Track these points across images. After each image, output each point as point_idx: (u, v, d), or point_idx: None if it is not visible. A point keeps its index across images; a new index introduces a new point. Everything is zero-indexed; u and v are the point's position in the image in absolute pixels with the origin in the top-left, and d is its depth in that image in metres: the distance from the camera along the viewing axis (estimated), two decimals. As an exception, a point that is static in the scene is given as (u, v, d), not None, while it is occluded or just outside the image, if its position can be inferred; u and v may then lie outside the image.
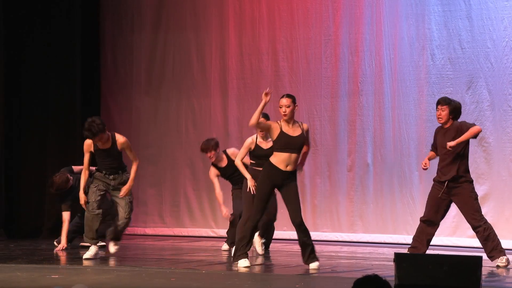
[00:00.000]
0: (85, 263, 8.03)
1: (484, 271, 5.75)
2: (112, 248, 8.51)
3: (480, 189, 9.71)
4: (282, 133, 7.54)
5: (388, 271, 7.38)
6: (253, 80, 11.06)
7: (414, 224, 10.06)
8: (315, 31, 10.68)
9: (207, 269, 7.80)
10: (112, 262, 8.21)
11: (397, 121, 10.24)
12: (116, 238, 8.50)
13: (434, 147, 8.10)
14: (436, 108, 7.94)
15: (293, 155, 7.49)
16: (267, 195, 7.50)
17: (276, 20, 10.92)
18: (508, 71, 9.62)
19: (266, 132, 8.19)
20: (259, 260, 8.56)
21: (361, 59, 10.43)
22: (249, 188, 8.19)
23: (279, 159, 7.47)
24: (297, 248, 9.45)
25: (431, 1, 10.02)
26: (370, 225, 10.29)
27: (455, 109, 7.88)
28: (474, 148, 9.79)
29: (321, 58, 10.66)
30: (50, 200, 10.88)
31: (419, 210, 10.08)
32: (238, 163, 8.45)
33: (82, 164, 8.47)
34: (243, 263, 7.55)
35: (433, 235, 7.95)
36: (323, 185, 10.63)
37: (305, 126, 7.67)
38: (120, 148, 8.40)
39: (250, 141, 8.59)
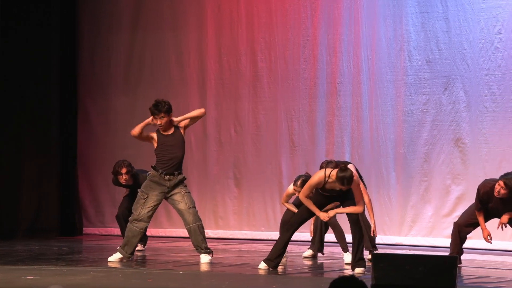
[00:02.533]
0: (111, 264, 7.92)
1: (460, 271, 5.79)
2: (206, 258, 7.97)
3: (456, 190, 9.77)
4: None
5: (365, 271, 7.40)
6: (232, 80, 11.05)
7: (391, 224, 10.11)
8: (293, 32, 10.70)
9: (184, 269, 7.78)
10: (89, 262, 8.17)
11: (375, 121, 10.28)
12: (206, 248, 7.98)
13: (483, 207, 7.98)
14: (497, 182, 7.80)
15: None
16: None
17: (255, 21, 10.92)
18: (484, 72, 9.68)
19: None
20: (237, 260, 8.56)
21: (339, 60, 10.46)
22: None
23: None
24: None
25: (409, 3, 10.06)
26: (348, 226, 10.30)
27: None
28: (450, 149, 9.84)
29: (299, 59, 10.68)
30: (26, 201, 10.82)
31: (396, 210, 10.13)
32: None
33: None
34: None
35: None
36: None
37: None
38: (184, 131, 7.99)
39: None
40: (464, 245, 9.58)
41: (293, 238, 10.63)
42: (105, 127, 11.60)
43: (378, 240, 10.00)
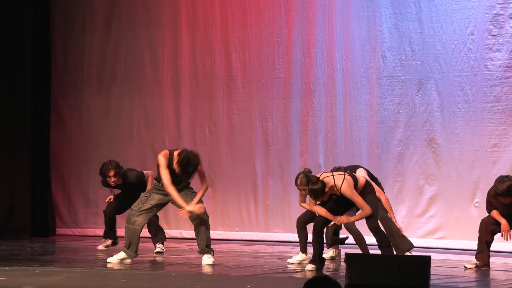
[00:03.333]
0: (109, 265, 7.86)
1: (433, 270, 5.81)
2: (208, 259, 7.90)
3: (429, 190, 9.83)
4: None
5: (339, 271, 7.42)
6: (206, 80, 11.04)
7: (364, 224, 10.13)
8: (267, 32, 10.71)
9: (158, 270, 7.75)
10: (63, 263, 8.12)
11: (349, 122, 10.32)
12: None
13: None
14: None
15: None
16: None
17: (229, 21, 10.91)
18: (457, 73, 9.75)
19: None
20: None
21: (313, 60, 10.48)
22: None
23: None
24: (248, 248, 9.46)
25: (382, 4, 10.11)
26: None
27: None
28: (423, 149, 9.90)
29: (273, 59, 10.69)
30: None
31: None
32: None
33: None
34: None
35: None
36: (275, 186, 10.66)
37: None
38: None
39: None
40: (438, 245, 9.66)
41: (267, 238, 10.67)
42: (78, 127, 11.53)
43: (350, 240, 10.04)
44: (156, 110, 11.27)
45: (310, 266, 7.57)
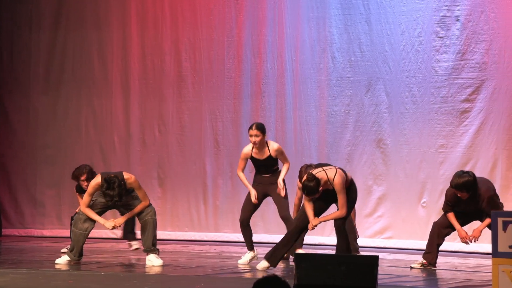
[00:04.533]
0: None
1: (381, 270, 5.86)
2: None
3: (377, 190, 9.92)
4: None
5: (288, 271, 7.44)
6: (156, 80, 10.98)
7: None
8: (218, 32, 10.69)
9: (106, 271, 7.69)
10: (8, 264, 8.00)
11: (299, 122, 10.36)
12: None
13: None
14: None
15: None
16: None
17: (179, 20, 10.88)
18: (405, 75, 9.85)
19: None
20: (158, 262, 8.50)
21: (264, 60, 10.50)
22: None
23: None
24: (198, 248, 9.43)
25: (332, 5, 10.17)
26: (271, 226, 10.36)
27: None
28: (372, 150, 9.98)
29: (224, 59, 10.68)
30: None
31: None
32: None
33: None
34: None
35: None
36: (225, 186, 10.65)
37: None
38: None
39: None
40: (386, 244, 9.75)
41: (216, 238, 10.65)
42: (24, 127, 11.39)
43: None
44: (105, 109, 11.18)
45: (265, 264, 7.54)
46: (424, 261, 7.95)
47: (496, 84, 9.47)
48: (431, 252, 7.96)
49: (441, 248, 8.78)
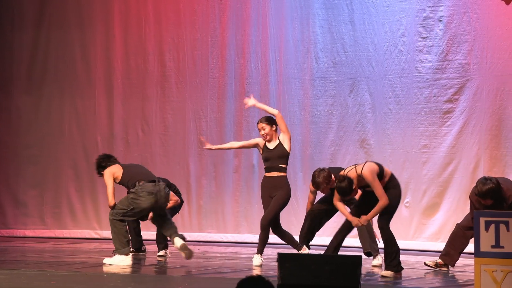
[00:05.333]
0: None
1: (364, 270, 5.89)
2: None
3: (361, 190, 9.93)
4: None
5: (271, 271, 7.45)
6: (139, 80, 10.96)
7: (297, 225, 10.18)
8: (202, 32, 10.69)
9: (89, 271, 7.67)
10: None
11: (282, 122, 10.34)
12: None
13: None
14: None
15: None
16: None
17: (163, 20, 10.86)
18: (388, 75, 9.88)
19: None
20: (143, 261, 8.49)
21: (247, 60, 10.50)
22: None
23: None
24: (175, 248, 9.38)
25: (316, 5, 10.19)
26: (255, 226, 10.36)
27: None
28: (356, 150, 10.01)
29: (207, 59, 10.67)
30: None
31: (303, 211, 10.21)
32: None
33: None
34: None
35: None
36: (209, 186, 10.64)
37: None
38: None
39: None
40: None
41: (200, 238, 10.63)
42: (7, 126, 11.33)
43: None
44: (88, 109, 11.14)
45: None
46: (439, 260, 7.83)
47: (479, 84, 9.52)
48: (450, 254, 7.78)
49: (424, 247, 8.82)
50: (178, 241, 7.81)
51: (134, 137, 10.97)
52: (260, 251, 8.03)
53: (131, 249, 8.15)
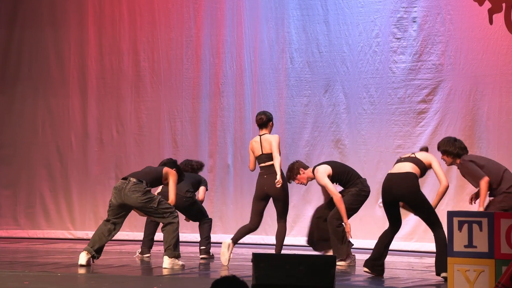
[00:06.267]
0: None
1: (338, 270, 5.91)
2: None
3: (336, 190, 9.97)
4: None
5: (246, 271, 7.45)
6: (113, 80, 10.92)
7: (272, 225, 10.20)
8: (176, 32, 10.67)
9: (63, 271, 7.62)
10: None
11: (257, 122, 10.35)
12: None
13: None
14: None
15: None
16: None
17: (137, 20, 10.82)
18: (362, 75, 9.92)
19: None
20: (118, 262, 8.46)
21: (222, 61, 10.50)
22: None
23: None
24: (156, 249, 9.38)
25: (290, 5, 10.20)
26: (230, 226, 10.37)
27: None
28: (330, 150, 10.04)
29: (182, 59, 10.65)
30: None
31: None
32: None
33: None
34: None
35: None
36: (184, 186, 10.61)
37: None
38: None
39: None
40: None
41: (181, 239, 10.60)
42: (-20, 126, 11.25)
43: (259, 240, 10.10)
44: (62, 109, 11.08)
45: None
46: None
47: (452, 85, 9.58)
48: None
49: (397, 247, 8.84)
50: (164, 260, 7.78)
51: (109, 137, 10.92)
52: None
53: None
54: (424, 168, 7.33)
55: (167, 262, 7.65)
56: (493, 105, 9.47)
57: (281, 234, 8.14)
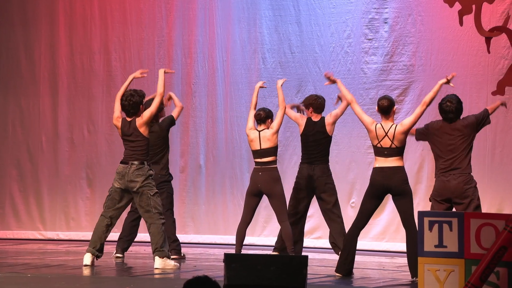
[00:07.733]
0: None
1: (310, 270, 5.91)
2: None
3: (309, 190, 9.98)
4: None
5: (218, 271, 7.45)
6: (85, 79, 10.87)
7: (250, 226, 10.20)
8: (148, 31, 10.64)
9: (33, 272, 7.58)
10: None
11: (230, 123, 10.37)
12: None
13: None
14: None
15: None
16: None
17: (108, 19, 10.78)
18: (334, 76, 9.92)
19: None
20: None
21: (194, 61, 10.48)
22: None
23: None
24: (133, 249, 9.35)
25: (262, 6, 10.22)
26: (202, 226, 10.36)
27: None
28: (303, 151, 10.04)
29: (154, 59, 10.63)
30: None
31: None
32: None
33: None
34: None
35: None
36: (155, 187, 10.58)
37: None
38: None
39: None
40: (316, 244, 9.81)
41: (147, 239, 10.57)
42: (-51, 126, 11.13)
43: (232, 240, 10.09)
44: (32, 109, 11.01)
45: None
46: None
47: (423, 86, 9.65)
48: None
49: (368, 247, 8.88)
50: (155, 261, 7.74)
51: (80, 137, 10.86)
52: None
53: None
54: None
55: (158, 262, 7.64)
56: (463, 105, 9.54)
57: (287, 235, 8.09)
